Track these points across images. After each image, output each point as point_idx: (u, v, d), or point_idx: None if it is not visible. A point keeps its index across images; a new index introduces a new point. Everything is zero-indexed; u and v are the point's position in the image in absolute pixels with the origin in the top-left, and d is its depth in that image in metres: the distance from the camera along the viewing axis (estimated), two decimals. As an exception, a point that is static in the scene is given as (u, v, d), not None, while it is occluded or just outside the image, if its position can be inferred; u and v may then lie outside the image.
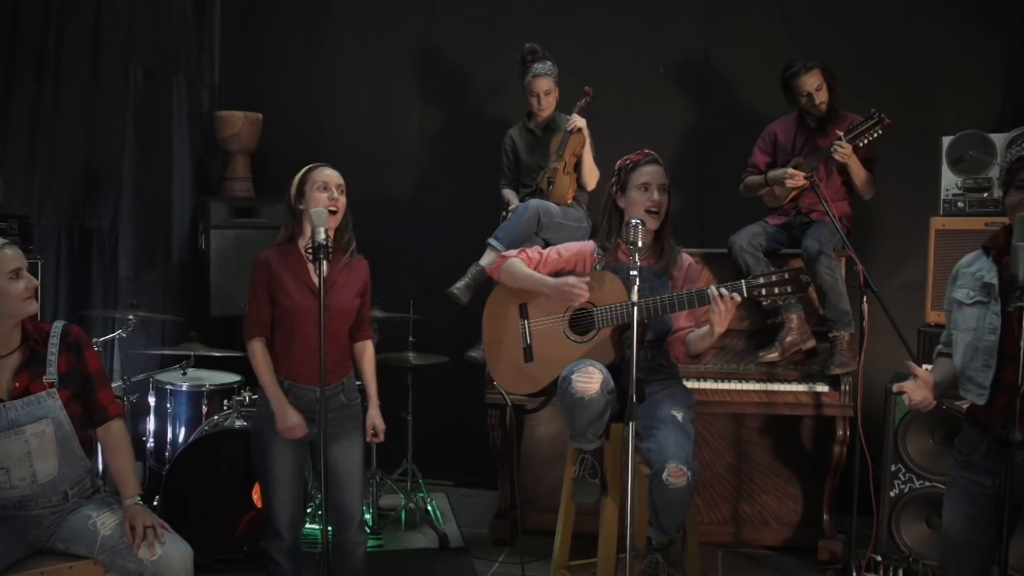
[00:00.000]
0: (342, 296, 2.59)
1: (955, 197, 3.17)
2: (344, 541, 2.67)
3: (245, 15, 4.60)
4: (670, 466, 2.29)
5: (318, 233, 2.36)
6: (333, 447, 2.59)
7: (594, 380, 2.31)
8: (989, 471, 1.96)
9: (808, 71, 3.34)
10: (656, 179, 2.49)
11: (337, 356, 2.62)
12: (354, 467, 2.63)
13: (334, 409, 2.59)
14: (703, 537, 3.52)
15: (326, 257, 2.36)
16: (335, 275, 2.60)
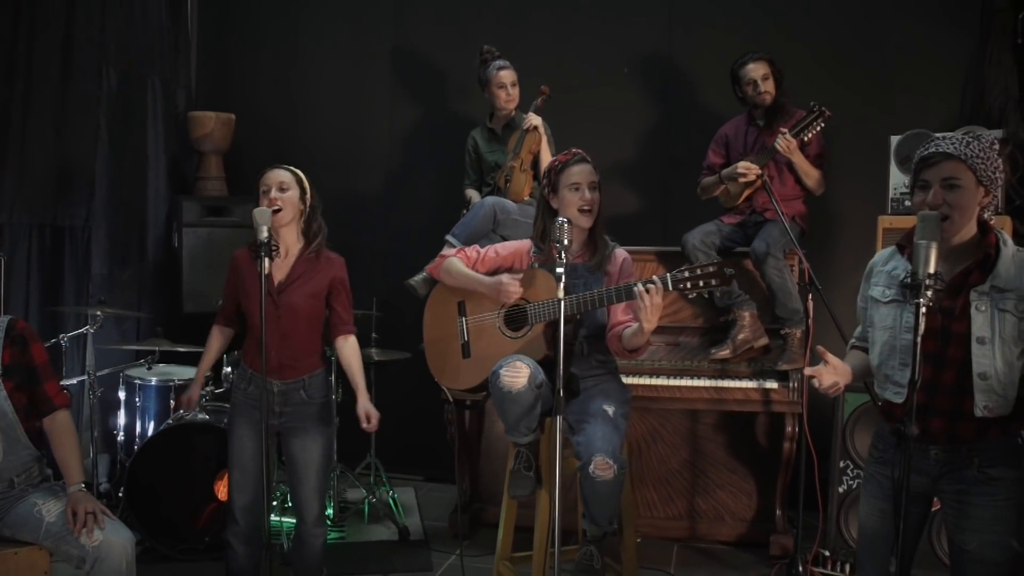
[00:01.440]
0: (295, 295, 2.65)
1: (902, 196, 3.20)
2: (302, 532, 2.75)
3: (221, 16, 4.68)
4: (597, 459, 2.34)
5: (260, 232, 2.45)
6: (292, 441, 2.69)
7: (521, 375, 2.36)
8: (898, 464, 1.97)
9: (755, 60, 3.38)
10: (586, 178, 2.54)
11: (293, 353, 2.66)
12: (310, 463, 2.68)
13: (293, 404, 2.67)
14: (659, 532, 3.58)
15: (267, 255, 2.44)
16: (296, 274, 2.67)
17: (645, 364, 3.38)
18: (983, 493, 1.90)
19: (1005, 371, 1.87)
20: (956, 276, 1.93)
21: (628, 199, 4.10)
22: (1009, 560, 1.90)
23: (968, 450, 1.92)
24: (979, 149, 1.89)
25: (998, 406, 1.88)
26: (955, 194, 1.89)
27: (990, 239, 1.93)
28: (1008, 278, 1.89)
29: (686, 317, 3.52)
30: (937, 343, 1.93)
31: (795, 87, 3.62)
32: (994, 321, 1.87)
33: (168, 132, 4.35)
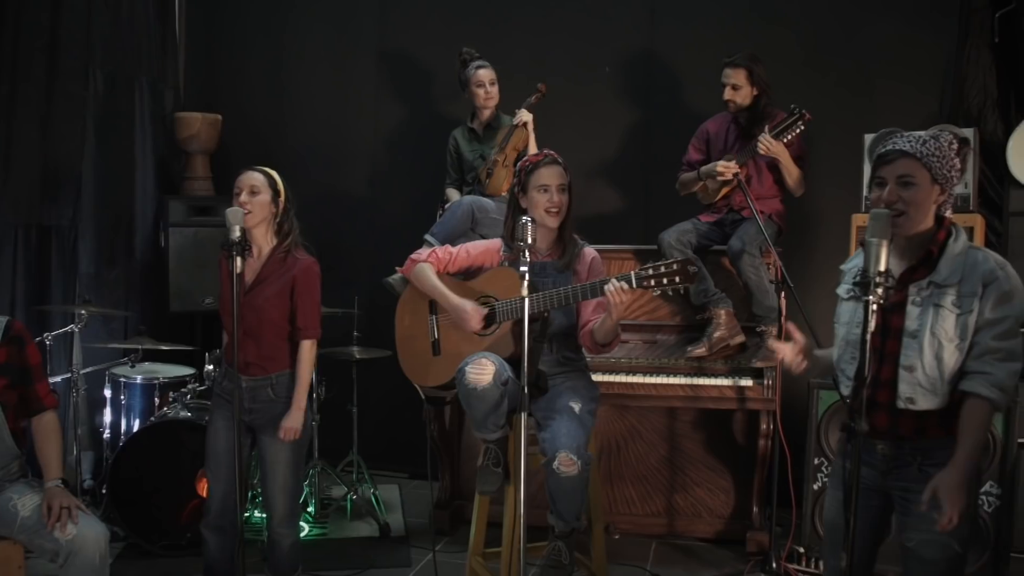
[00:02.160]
0: (261, 295, 2.69)
1: (876, 194, 3.21)
2: (271, 531, 2.79)
3: (208, 18, 4.72)
4: (560, 455, 2.37)
5: (232, 231, 2.49)
6: (262, 439, 2.74)
7: (486, 372, 2.39)
8: (863, 461, 1.98)
9: (735, 66, 3.40)
10: (555, 180, 2.56)
11: (260, 351, 2.70)
12: (277, 461, 2.71)
13: (261, 401, 2.71)
14: (637, 529, 3.61)
15: (239, 254, 2.48)
16: (266, 274, 2.71)
17: (622, 362, 3.41)
18: (923, 491, 1.90)
19: (933, 365, 1.88)
20: (903, 273, 1.96)
21: (610, 197, 4.13)
22: (947, 560, 1.91)
23: (911, 448, 1.94)
24: (935, 148, 1.91)
25: (923, 399, 1.90)
26: (909, 191, 1.91)
27: (939, 236, 1.94)
28: (949, 274, 1.90)
29: (664, 315, 3.55)
30: (878, 338, 1.95)
31: (776, 86, 3.64)
32: (926, 315, 1.90)
33: (156, 132, 4.39)
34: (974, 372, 1.88)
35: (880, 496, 2.02)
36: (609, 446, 3.61)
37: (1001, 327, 1.87)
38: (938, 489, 1.84)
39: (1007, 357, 1.87)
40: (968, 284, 1.89)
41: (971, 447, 1.87)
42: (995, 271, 1.89)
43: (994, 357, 1.87)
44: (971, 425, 1.87)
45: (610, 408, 3.56)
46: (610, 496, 3.62)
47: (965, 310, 1.88)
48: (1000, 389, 1.86)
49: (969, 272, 1.89)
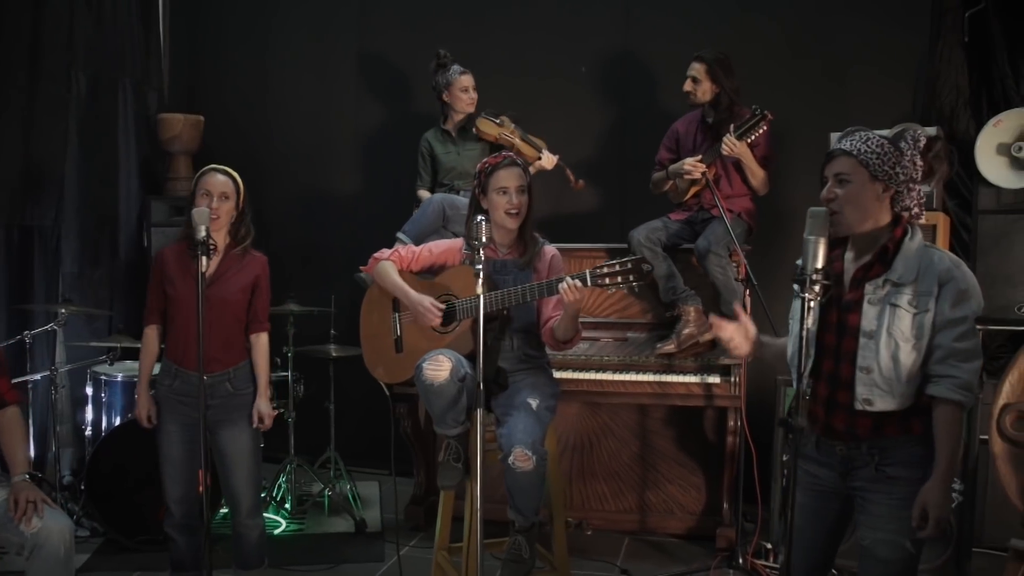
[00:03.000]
0: (225, 289, 2.75)
1: (842, 192, 3.23)
2: (237, 524, 2.84)
3: (192, 20, 4.78)
4: (516, 450, 2.41)
5: (198, 231, 2.54)
6: (221, 433, 2.78)
7: (443, 368, 2.42)
8: (818, 462, 2.02)
9: (698, 60, 3.43)
10: (514, 182, 2.58)
11: (221, 345, 2.76)
12: (241, 453, 2.78)
13: (220, 396, 2.76)
14: (610, 525, 3.65)
15: (204, 253, 2.54)
16: (224, 269, 2.78)
17: (593, 359, 3.44)
18: (880, 491, 1.91)
19: (890, 366, 1.88)
20: (859, 269, 1.95)
21: (586, 196, 4.15)
22: (901, 559, 1.91)
23: (868, 448, 1.93)
24: (875, 146, 1.92)
25: (880, 401, 1.89)
26: (845, 189, 1.92)
27: (896, 233, 1.93)
28: (905, 272, 1.89)
29: (635, 313, 3.58)
30: (834, 337, 1.96)
31: (750, 85, 3.67)
32: (883, 315, 1.89)
33: (139, 134, 4.44)
34: (940, 376, 1.86)
35: (839, 499, 2.01)
36: (581, 443, 3.64)
37: (961, 327, 1.86)
38: (926, 504, 1.83)
39: (969, 357, 1.86)
40: (924, 283, 1.87)
41: (951, 455, 1.85)
42: (951, 270, 1.87)
43: (957, 359, 1.85)
44: (947, 432, 1.86)
45: (582, 405, 3.60)
46: (583, 493, 3.66)
47: (921, 309, 1.87)
48: (967, 390, 1.85)
49: (925, 271, 1.88)
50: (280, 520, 3.75)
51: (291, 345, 3.73)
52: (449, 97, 3.73)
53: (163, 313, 2.81)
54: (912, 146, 1.93)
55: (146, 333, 2.84)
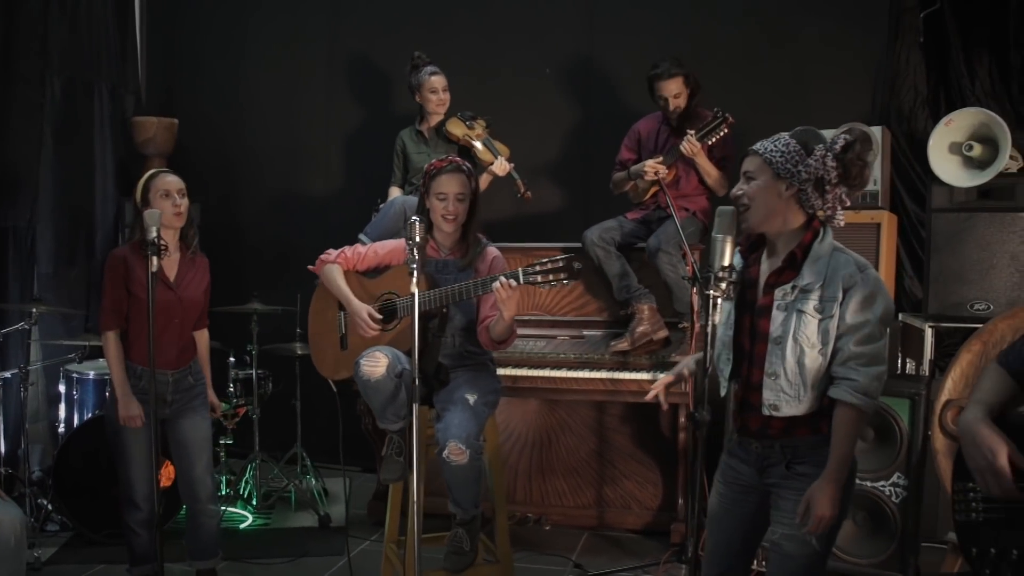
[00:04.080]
0: (192, 290, 2.89)
1: (791, 192, 3.27)
2: (197, 513, 2.93)
3: (169, 24, 4.87)
4: (450, 444, 2.46)
5: (149, 232, 2.62)
6: (183, 423, 2.88)
7: (380, 364, 2.48)
8: (739, 457, 2.06)
9: (670, 77, 3.47)
10: (453, 188, 2.61)
11: (186, 343, 2.91)
12: (202, 441, 2.91)
13: (183, 390, 2.88)
14: (568, 520, 3.70)
15: (155, 254, 2.62)
16: (184, 271, 2.89)
17: (549, 357, 3.50)
18: (790, 488, 1.95)
19: (796, 371, 1.90)
20: (771, 275, 1.97)
21: (550, 196, 4.22)
22: (806, 556, 1.93)
23: (781, 447, 1.96)
24: (781, 145, 1.95)
25: (787, 406, 1.92)
26: (751, 186, 1.96)
27: (805, 237, 1.95)
28: (813, 278, 1.90)
29: (592, 311, 3.64)
30: (748, 341, 2.00)
31: (711, 87, 3.72)
32: (790, 321, 1.91)
33: (116, 136, 4.53)
34: (840, 379, 1.88)
35: (757, 493, 2.04)
36: (540, 439, 3.70)
37: (863, 331, 1.87)
38: (812, 499, 1.87)
39: (871, 361, 1.87)
40: (830, 288, 1.89)
41: (842, 457, 1.88)
42: (855, 275, 1.89)
43: (857, 363, 1.87)
44: (841, 434, 1.88)
45: (540, 402, 3.66)
46: (542, 489, 3.72)
47: (827, 315, 1.89)
48: (865, 394, 1.86)
49: (832, 276, 1.90)
50: (246, 515, 3.83)
51: (255, 343, 3.81)
52: (420, 98, 3.81)
53: (124, 316, 2.84)
54: (825, 148, 1.94)
55: (109, 337, 2.84)
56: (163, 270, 2.84)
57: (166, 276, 2.85)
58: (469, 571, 2.70)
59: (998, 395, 1.71)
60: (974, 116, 3.37)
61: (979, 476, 1.62)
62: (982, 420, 1.65)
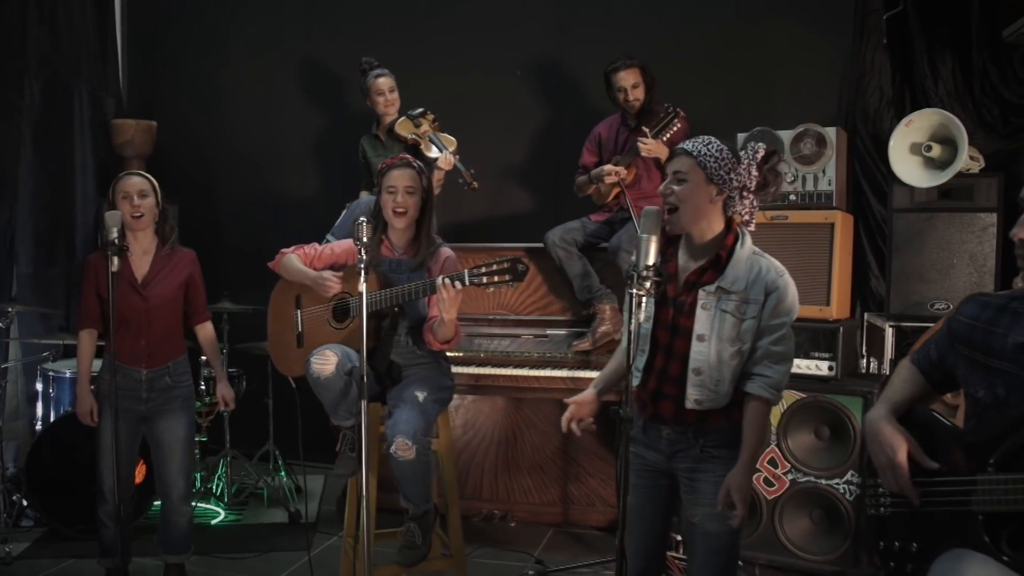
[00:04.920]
0: (161, 288, 2.92)
1: (747, 192, 3.31)
2: (168, 511, 3.00)
3: (149, 29, 4.95)
4: (397, 440, 2.51)
5: (109, 232, 2.69)
6: (160, 423, 2.94)
7: (329, 362, 2.53)
8: (645, 444, 2.14)
9: (626, 68, 3.52)
10: (402, 183, 2.67)
11: (160, 341, 2.93)
12: (176, 442, 2.95)
13: (160, 389, 2.93)
14: (533, 517, 3.74)
15: (116, 254, 2.68)
16: (156, 269, 2.93)
17: (513, 355, 3.55)
18: (707, 470, 2.03)
19: (717, 367, 1.98)
20: (692, 273, 2.04)
21: (520, 197, 4.27)
22: (727, 533, 2.01)
23: (694, 432, 2.04)
24: (715, 150, 2.01)
25: (708, 400, 1.99)
26: (682, 188, 2.01)
27: (727, 240, 2.02)
28: (735, 280, 1.99)
29: (555, 311, 3.68)
30: (668, 335, 2.06)
31: (678, 89, 3.77)
32: (714, 320, 1.98)
33: (96, 139, 4.60)
34: (754, 375, 1.99)
35: (667, 477, 2.12)
36: (506, 437, 3.75)
37: (779, 332, 1.99)
38: (731, 489, 1.95)
39: (783, 359, 2.00)
40: (753, 292, 1.98)
41: (755, 447, 1.99)
42: (776, 281, 1.99)
43: (771, 360, 1.98)
44: (754, 425, 1.99)
45: (506, 400, 3.70)
46: (508, 486, 3.76)
47: (748, 316, 1.98)
48: (776, 389, 1.99)
49: (754, 281, 1.99)
50: (219, 511, 3.89)
51: (226, 342, 3.87)
52: (370, 102, 3.87)
53: (98, 317, 2.93)
54: (751, 156, 2.02)
55: (81, 336, 2.96)
56: (131, 270, 2.90)
57: (133, 276, 2.91)
58: (422, 565, 2.76)
59: (907, 393, 1.75)
60: (933, 117, 3.39)
61: (881, 472, 1.67)
62: (885, 417, 1.69)
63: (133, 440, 2.97)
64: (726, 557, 2.05)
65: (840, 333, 3.06)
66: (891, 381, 1.81)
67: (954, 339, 1.66)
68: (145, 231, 2.93)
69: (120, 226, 2.73)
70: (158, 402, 2.91)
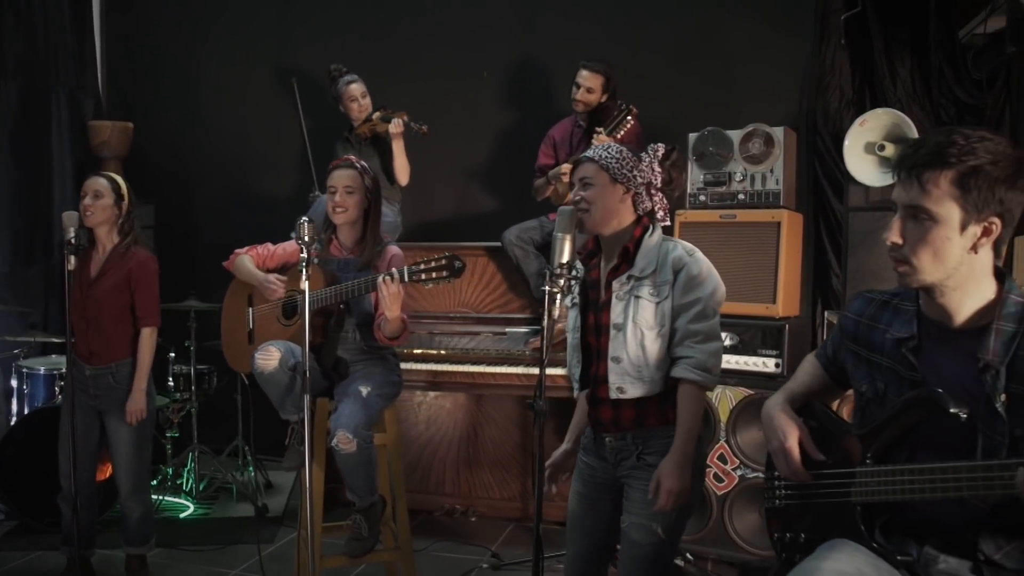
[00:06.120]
0: (101, 287, 2.97)
1: (699, 191, 3.36)
2: (122, 504, 3.08)
3: (128, 31, 5.04)
4: (339, 434, 2.57)
5: (66, 232, 2.76)
6: (108, 421, 3.03)
7: (272, 358, 2.60)
8: (595, 454, 2.16)
9: (591, 70, 3.58)
10: (341, 182, 2.74)
11: (100, 341, 2.98)
12: (120, 442, 3.01)
13: (103, 388, 3.00)
14: (495, 512, 3.80)
15: (72, 252, 2.76)
16: (106, 268, 3.00)
17: (471, 352, 3.60)
18: (639, 478, 2.03)
19: (638, 353, 2.00)
20: (609, 272, 2.09)
21: (487, 197, 4.32)
22: (652, 544, 2.00)
23: (633, 438, 2.05)
24: (615, 152, 2.07)
25: (632, 387, 2.01)
26: (590, 191, 2.07)
27: (635, 232, 2.07)
28: (644, 266, 2.03)
29: (515, 308, 3.73)
30: (595, 338, 2.10)
31: (642, 88, 3.81)
32: (628, 308, 2.02)
33: (75, 140, 4.69)
34: (679, 357, 1.99)
35: (613, 490, 2.12)
36: (467, 433, 3.80)
37: (695, 309, 1.99)
38: (660, 475, 1.95)
39: (706, 339, 1.99)
40: (662, 273, 2.02)
41: (688, 431, 1.97)
42: (683, 257, 2.02)
43: (694, 340, 1.98)
44: (684, 410, 1.99)
45: (467, 397, 3.76)
46: (469, 481, 3.82)
47: (662, 298, 2.01)
48: (704, 370, 1.97)
49: (663, 262, 2.03)
50: (188, 505, 3.97)
51: (193, 339, 3.94)
52: (343, 108, 3.94)
53: None
54: (652, 155, 2.08)
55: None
56: (88, 269, 2.98)
57: (88, 273, 2.98)
58: (370, 556, 2.83)
59: (807, 385, 1.79)
60: (886, 117, 3.42)
61: (773, 457, 1.70)
62: (780, 405, 1.73)
63: (89, 431, 3.03)
64: (650, 568, 2.02)
65: (786, 331, 3.09)
66: (795, 374, 1.86)
67: (843, 335, 1.70)
68: (102, 228, 2.99)
69: (76, 225, 2.80)
70: (104, 400, 2.99)
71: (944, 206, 1.41)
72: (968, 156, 1.39)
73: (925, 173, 1.41)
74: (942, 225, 1.41)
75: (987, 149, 1.39)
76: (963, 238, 1.42)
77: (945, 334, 1.50)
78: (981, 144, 1.39)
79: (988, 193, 1.39)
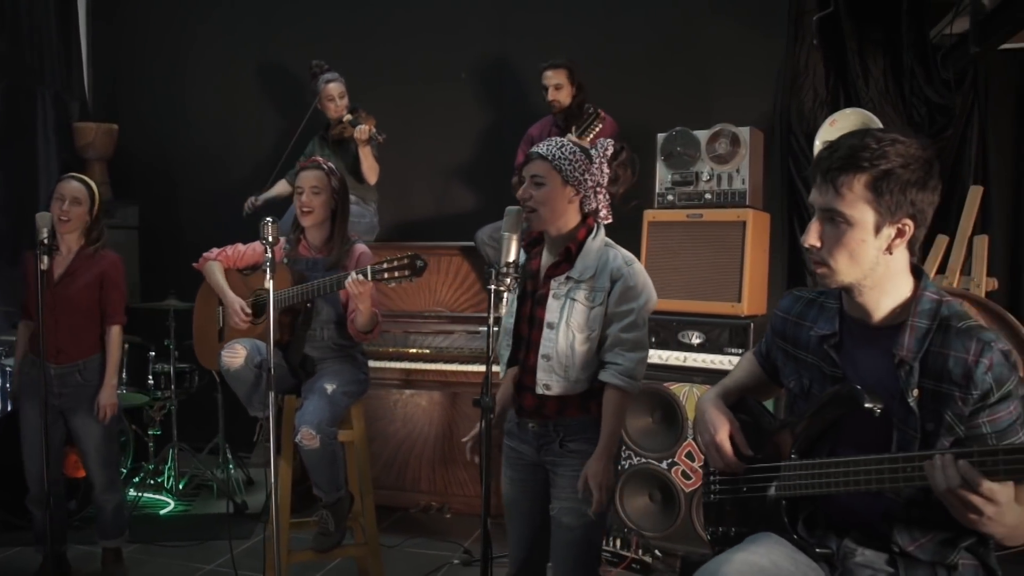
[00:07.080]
0: (71, 286, 3.01)
1: (667, 191, 3.39)
2: (95, 499, 3.13)
3: (114, 34, 5.09)
4: (302, 430, 2.61)
5: (40, 232, 2.81)
6: (75, 420, 3.05)
7: (238, 356, 2.64)
8: (519, 438, 2.21)
9: (553, 68, 3.62)
10: (307, 183, 2.78)
11: (68, 339, 3.01)
12: (90, 438, 3.04)
13: (71, 386, 3.03)
14: (469, 509, 3.83)
15: (45, 252, 2.80)
16: (73, 268, 3.03)
17: (445, 351, 3.64)
18: (565, 464, 2.09)
19: (567, 353, 2.05)
20: (549, 267, 2.13)
21: (465, 196, 4.36)
22: (583, 526, 2.06)
23: (554, 426, 2.11)
24: (568, 152, 2.10)
25: (557, 384, 2.06)
26: (540, 191, 2.10)
27: (579, 234, 2.11)
28: (584, 269, 2.07)
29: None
30: (527, 327, 2.15)
31: (617, 88, 3.84)
32: (564, 309, 2.06)
33: (60, 141, 4.74)
34: (607, 363, 2.05)
35: (541, 470, 2.18)
36: (442, 431, 3.84)
37: (627, 319, 2.04)
38: (589, 475, 2.00)
39: (635, 347, 2.05)
40: (600, 280, 2.06)
41: (612, 433, 2.04)
42: (621, 268, 2.06)
43: (623, 348, 2.04)
44: (608, 412, 2.05)
45: (443, 395, 3.80)
46: (444, 478, 3.86)
47: (596, 304, 2.05)
48: (629, 376, 2.04)
49: (602, 269, 2.07)
50: (169, 501, 4.02)
51: (172, 338, 3.99)
52: (321, 106, 3.98)
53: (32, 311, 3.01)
54: (601, 154, 2.11)
55: (19, 327, 3.13)
56: (53, 268, 3.02)
57: (52, 274, 3.02)
58: (336, 551, 2.87)
59: (742, 381, 1.83)
60: (855, 117, 3.45)
61: (705, 450, 1.74)
62: (713, 399, 1.76)
63: (53, 431, 3.03)
64: (582, 549, 2.09)
65: (751, 329, 3.12)
66: (733, 370, 1.89)
67: (773, 332, 1.73)
68: (72, 234, 3.04)
69: (50, 226, 2.85)
70: (71, 399, 3.00)
71: (858, 209, 1.44)
72: (880, 160, 1.42)
73: (840, 177, 1.44)
74: (857, 228, 1.44)
75: (898, 152, 1.42)
76: (878, 240, 1.45)
77: (865, 331, 1.53)
78: (893, 147, 1.42)
79: (900, 196, 1.42)
